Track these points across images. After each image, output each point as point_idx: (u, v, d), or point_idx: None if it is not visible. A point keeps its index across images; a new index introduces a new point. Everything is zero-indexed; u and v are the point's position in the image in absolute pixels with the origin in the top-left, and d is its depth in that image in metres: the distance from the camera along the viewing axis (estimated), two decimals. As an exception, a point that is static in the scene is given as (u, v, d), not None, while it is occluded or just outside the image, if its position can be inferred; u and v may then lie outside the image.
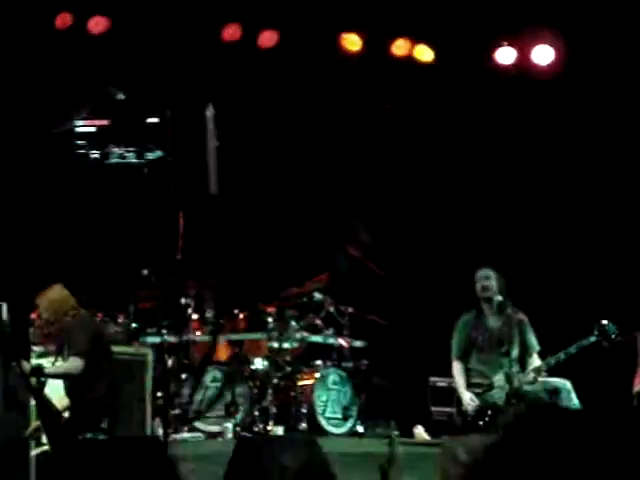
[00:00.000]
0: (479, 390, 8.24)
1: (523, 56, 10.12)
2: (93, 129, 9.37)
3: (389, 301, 9.93)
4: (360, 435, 8.99)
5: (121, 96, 9.18)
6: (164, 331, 8.51)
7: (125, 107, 9.34)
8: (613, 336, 8.02)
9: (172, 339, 8.68)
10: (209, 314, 9.16)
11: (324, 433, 8.74)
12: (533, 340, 8.32)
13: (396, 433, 7.79)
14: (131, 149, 9.25)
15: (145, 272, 8.86)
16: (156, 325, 8.73)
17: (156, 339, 8.59)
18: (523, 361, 8.30)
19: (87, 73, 10.08)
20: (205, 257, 9.67)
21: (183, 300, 9.14)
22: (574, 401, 8.17)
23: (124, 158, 9.26)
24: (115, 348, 7.82)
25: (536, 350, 8.27)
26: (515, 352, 8.26)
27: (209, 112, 9.49)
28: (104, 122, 9.39)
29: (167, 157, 8.97)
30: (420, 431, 8.98)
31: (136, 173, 9.30)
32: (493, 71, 10.16)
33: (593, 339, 8.01)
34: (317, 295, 9.36)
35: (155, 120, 9.26)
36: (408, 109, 10.48)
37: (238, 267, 9.80)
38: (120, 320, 8.87)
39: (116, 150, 9.27)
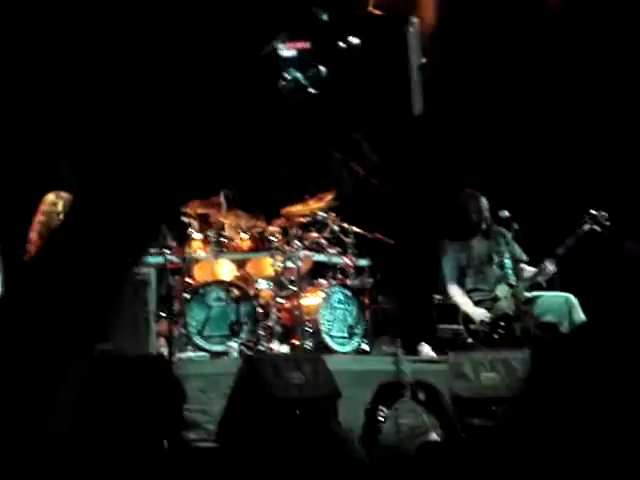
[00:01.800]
0: (485, 306, 8.26)
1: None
2: (294, 52, 9.15)
3: (394, 219, 9.84)
4: (366, 353, 8.97)
5: (324, 16, 8.88)
6: (167, 251, 8.46)
7: (327, 28, 9.04)
8: (606, 222, 8.06)
9: (175, 259, 8.60)
10: (212, 233, 9.07)
11: (330, 351, 8.72)
12: (519, 251, 8.37)
13: (401, 351, 7.79)
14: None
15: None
16: (158, 245, 8.66)
17: (159, 259, 8.50)
18: (516, 273, 8.34)
19: None
20: (208, 175, 9.52)
21: (185, 219, 9.08)
22: (580, 317, 8.16)
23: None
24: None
25: (524, 260, 8.32)
26: (509, 263, 8.30)
27: (412, 28, 9.24)
28: (306, 45, 9.18)
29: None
30: (426, 348, 8.97)
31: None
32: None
33: (587, 227, 8.04)
34: (321, 213, 9.29)
35: (356, 40, 9.03)
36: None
37: (241, 185, 9.68)
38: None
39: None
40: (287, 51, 9.10)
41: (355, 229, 9.41)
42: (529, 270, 8.30)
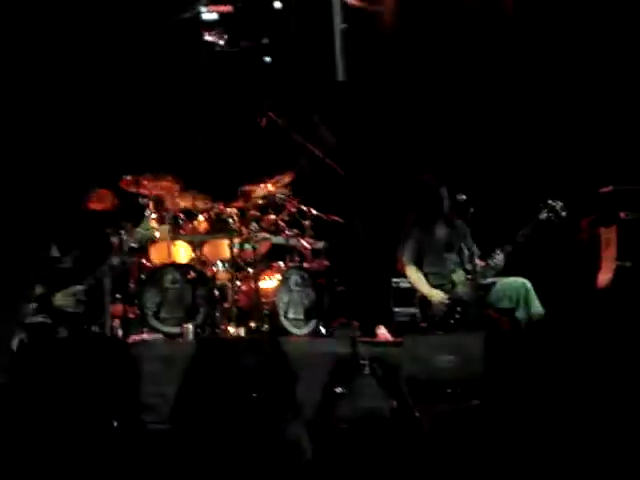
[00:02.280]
0: (443, 290, 8.27)
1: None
2: (216, 16, 9.04)
3: (351, 201, 9.83)
4: (322, 336, 8.96)
5: None
6: (122, 232, 8.38)
7: None
8: (562, 212, 8.11)
9: (130, 240, 8.52)
10: (168, 214, 8.99)
11: (286, 334, 8.70)
12: (473, 245, 8.40)
13: (358, 333, 7.78)
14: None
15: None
16: (114, 225, 8.60)
17: (113, 239, 8.44)
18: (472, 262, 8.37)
19: None
20: (162, 154, 9.45)
21: (140, 200, 9.00)
22: (536, 302, 8.20)
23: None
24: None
25: (477, 255, 8.35)
26: (466, 251, 8.33)
27: None
28: (228, 8, 9.09)
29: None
30: (382, 331, 8.98)
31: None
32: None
33: (544, 216, 8.10)
34: (279, 195, 9.23)
35: (279, 4, 8.97)
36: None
37: (198, 165, 9.61)
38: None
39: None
40: (209, 14, 9.10)
41: (313, 211, 9.37)
42: (480, 263, 8.32)
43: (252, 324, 8.79)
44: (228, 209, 9.13)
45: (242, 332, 8.66)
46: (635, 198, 8.76)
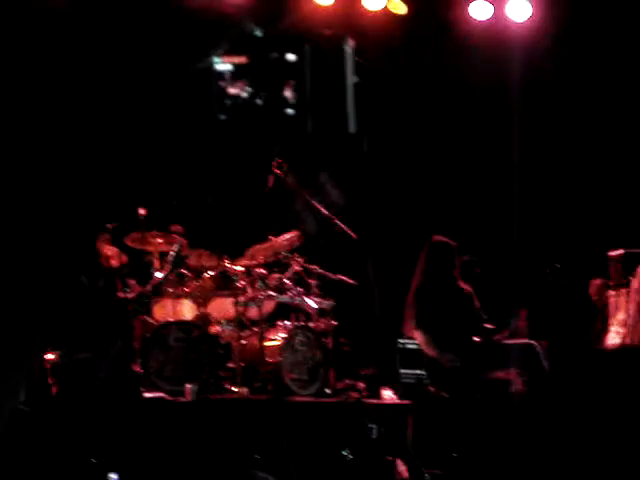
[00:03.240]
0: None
1: (499, 12, 9.91)
2: (230, 67, 9.17)
3: (358, 261, 9.79)
4: (327, 397, 8.84)
5: (258, 32, 8.88)
6: (127, 289, 8.35)
7: (263, 44, 9.14)
8: (567, 276, 8.09)
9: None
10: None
11: (291, 395, 8.60)
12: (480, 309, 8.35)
13: (363, 395, 7.73)
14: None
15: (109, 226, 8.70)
16: (121, 282, 8.57)
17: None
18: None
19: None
20: (172, 212, 9.43)
21: (147, 258, 8.97)
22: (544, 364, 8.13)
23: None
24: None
25: (484, 317, 8.29)
26: (474, 313, 8.27)
27: (348, 47, 9.24)
28: (242, 59, 9.17)
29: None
30: (388, 393, 8.88)
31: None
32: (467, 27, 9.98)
33: (550, 279, 8.06)
34: (285, 254, 9.19)
35: (293, 57, 9.04)
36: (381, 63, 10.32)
37: (205, 223, 9.60)
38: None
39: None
40: (222, 65, 9.17)
41: (319, 270, 9.32)
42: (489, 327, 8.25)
43: (256, 384, 8.68)
44: (234, 267, 9.08)
45: (246, 392, 8.56)
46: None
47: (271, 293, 9.12)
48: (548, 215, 10.21)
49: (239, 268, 9.08)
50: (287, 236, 9.20)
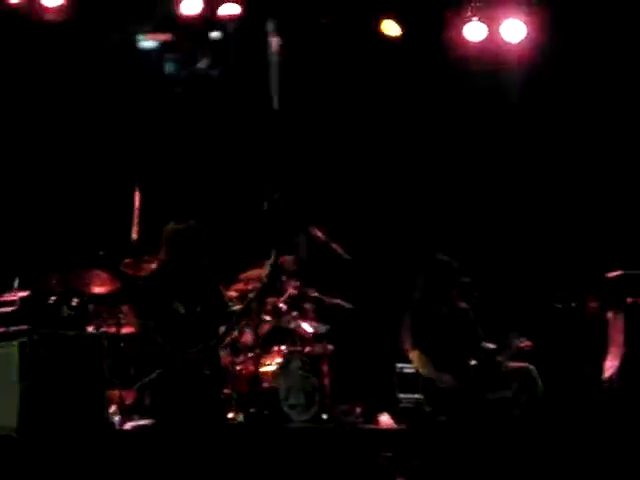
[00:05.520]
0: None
1: (492, 32, 9.91)
2: (155, 43, 9.42)
3: (354, 285, 9.75)
4: (324, 423, 8.77)
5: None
6: (121, 315, 8.28)
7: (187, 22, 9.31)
8: (572, 303, 8.05)
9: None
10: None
11: (287, 420, 8.52)
12: (479, 328, 8.26)
13: (361, 421, 7.66)
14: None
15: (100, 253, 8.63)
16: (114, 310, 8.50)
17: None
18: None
19: None
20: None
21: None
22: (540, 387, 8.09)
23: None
24: (70, 332, 7.57)
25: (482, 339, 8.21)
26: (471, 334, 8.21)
27: (270, 26, 9.32)
28: (167, 37, 9.40)
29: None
30: (385, 418, 8.81)
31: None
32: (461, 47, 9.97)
33: (559, 306, 8.02)
34: (280, 278, 9.13)
35: (217, 35, 9.28)
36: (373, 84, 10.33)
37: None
38: (74, 303, 8.61)
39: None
40: (148, 42, 9.29)
41: (315, 294, 9.26)
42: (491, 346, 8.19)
43: (252, 409, 8.60)
44: (229, 292, 9.01)
45: (241, 417, 8.47)
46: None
47: (266, 318, 9.06)
48: (543, 234, 10.20)
49: (234, 293, 9.02)
50: (282, 260, 9.12)
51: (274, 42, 9.63)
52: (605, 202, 10.11)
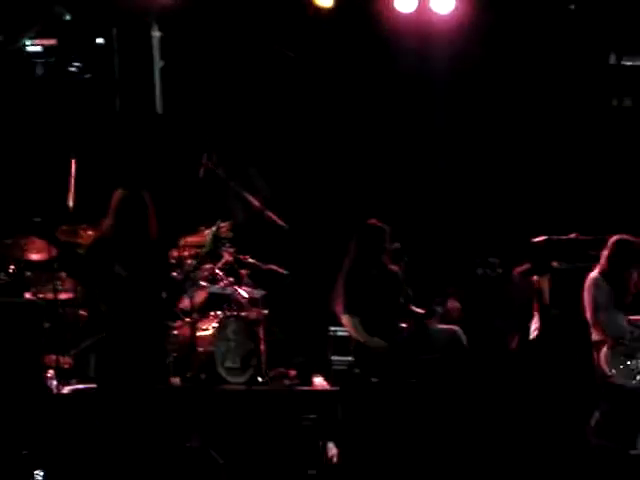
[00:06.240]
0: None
1: (423, 4, 10.05)
2: (40, 48, 9.41)
3: (288, 251, 9.88)
4: (259, 385, 8.93)
5: (68, 16, 9.00)
6: (57, 282, 8.34)
7: (72, 27, 9.40)
8: (498, 268, 8.22)
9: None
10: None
11: (223, 383, 8.68)
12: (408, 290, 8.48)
13: (295, 383, 7.79)
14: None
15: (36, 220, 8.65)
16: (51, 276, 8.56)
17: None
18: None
19: None
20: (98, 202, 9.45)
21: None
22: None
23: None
24: (6, 299, 7.65)
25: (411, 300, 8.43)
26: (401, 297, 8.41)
27: (155, 33, 9.36)
28: (52, 41, 9.39)
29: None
30: (319, 380, 8.99)
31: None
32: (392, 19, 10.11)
33: (480, 272, 8.17)
34: (220, 246, 9.22)
35: (101, 40, 9.32)
36: (307, 56, 10.42)
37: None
38: (11, 270, 8.66)
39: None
40: (33, 47, 9.45)
41: (250, 260, 9.39)
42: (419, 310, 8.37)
43: (189, 373, 8.75)
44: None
45: (178, 381, 8.61)
46: (567, 248, 8.91)
47: (203, 283, 9.18)
48: (473, 204, 10.40)
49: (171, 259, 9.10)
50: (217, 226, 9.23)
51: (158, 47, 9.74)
52: (530, 168, 10.34)
